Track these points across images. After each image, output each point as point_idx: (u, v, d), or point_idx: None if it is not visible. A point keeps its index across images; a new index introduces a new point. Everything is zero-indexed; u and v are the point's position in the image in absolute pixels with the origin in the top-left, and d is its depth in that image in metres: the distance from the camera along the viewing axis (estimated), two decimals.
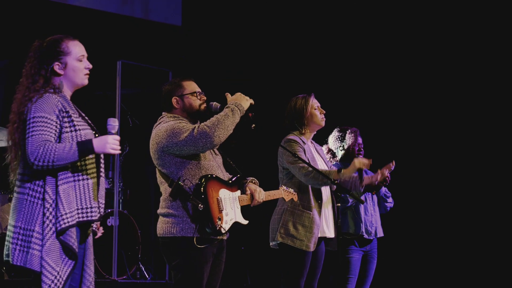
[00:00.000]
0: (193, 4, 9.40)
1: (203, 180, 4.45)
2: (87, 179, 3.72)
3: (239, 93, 4.62)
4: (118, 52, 8.49)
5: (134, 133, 8.66)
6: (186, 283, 4.42)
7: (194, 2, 9.42)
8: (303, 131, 5.48)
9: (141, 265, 8.15)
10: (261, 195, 4.73)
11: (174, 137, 4.43)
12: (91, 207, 3.70)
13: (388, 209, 6.20)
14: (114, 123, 3.67)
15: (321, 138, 5.80)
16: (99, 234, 3.99)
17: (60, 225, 3.60)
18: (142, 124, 8.55)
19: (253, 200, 4.70)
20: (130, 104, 8.73)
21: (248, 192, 4.70)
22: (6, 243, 3.69)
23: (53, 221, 3.60)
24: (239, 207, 4.65)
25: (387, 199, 6.16)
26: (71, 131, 3.68)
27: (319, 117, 5.48)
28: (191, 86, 4.69)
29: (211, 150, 4.62)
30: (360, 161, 5.23)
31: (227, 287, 8.22)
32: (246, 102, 4.58)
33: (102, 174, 3.83)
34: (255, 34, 9.02)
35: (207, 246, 4.45)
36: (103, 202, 3.84)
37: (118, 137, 3.63)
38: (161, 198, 4.58)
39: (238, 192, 4.67)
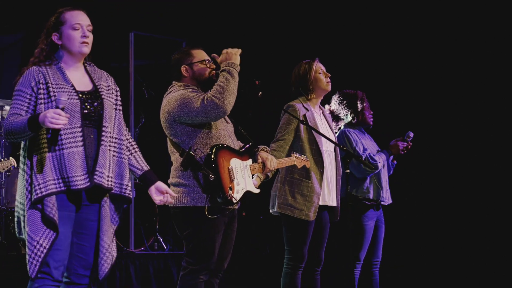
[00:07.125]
0: None
1: (214, 149, 4.42)
2: (67, 148, 3.70)
3: (225, 50, 4.58)
4: (130, 23, 8.43)
5: (150, 104, 8.63)
6: (197, 253, 4.40)
7: None
8: (309, 97, 5.39)
9: (158, 237, 8.15)
10: (273, 163, 4.68)
11: (185, 106, 4.40)
12: (73, 176, 3.68)
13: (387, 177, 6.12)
14: (60, 97, 3.63)
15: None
16: (168, 199, 4.00)
17: (33, 196, 3.66)
18: (158, 96, 8.50)
19: (264, 168, 4.65)
20: (145, 76, 8.69)
21: (260, 160, 4.65)
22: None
23: (31, 192, 3.67)
24: (251, 176, 4.62)
25: (392, 167, 6.09)
26: (46, 102, 3.72)
27: (324, 81, 5.38)
28: (200, 54, 4.65)
29: (223, 118, 4.59)
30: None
31: (246, 256, 8.22)
32: (236, 56, 4.55)
33: (104, 143, 3.80)
34: (267, 1, 8.92)
35: (219, 216, 4.42)
36: (103, 171, 3.79)
37: (59, 111, 3.56)
38: (172, 168, 4.56)
39: (249, 161, 4.63)
